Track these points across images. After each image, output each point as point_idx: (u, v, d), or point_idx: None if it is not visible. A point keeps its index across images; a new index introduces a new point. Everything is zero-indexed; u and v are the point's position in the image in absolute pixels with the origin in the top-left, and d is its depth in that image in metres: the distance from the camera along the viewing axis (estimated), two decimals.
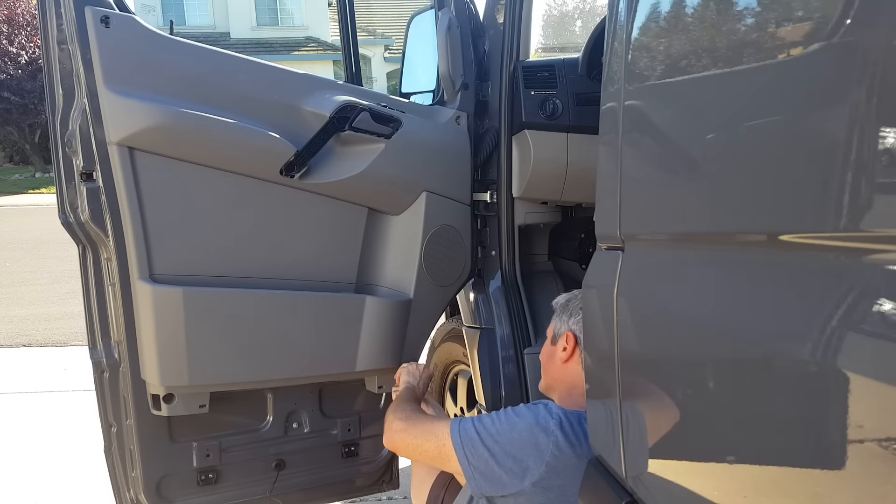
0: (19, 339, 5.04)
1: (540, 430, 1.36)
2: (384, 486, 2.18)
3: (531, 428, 1.37)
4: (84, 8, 1.51)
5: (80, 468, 2.97)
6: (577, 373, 1.48)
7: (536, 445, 1.35)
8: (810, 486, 0.77)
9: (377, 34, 21.16)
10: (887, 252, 0.69)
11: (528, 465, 1.35)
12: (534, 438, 1.36)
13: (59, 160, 1.75)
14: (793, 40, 0.77)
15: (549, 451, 1.34)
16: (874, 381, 0.68)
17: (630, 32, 1.03)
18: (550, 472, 1.34)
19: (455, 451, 1.39)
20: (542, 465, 1.34)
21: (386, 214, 1.90)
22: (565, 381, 1.53)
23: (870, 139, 0.67)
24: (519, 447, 1.36)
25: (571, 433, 1.37)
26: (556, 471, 1.34)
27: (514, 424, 1.39)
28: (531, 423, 1.38)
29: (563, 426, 1.37)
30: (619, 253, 1.10)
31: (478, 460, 1.38)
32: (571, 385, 1.51)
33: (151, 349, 1.65)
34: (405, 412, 1.59)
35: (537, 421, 1.38)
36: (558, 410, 1.41)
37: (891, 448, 0.66)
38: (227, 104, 1.64)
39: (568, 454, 1.35)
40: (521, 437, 1.37)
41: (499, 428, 1.39)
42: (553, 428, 1.36)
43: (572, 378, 1.51)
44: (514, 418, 1.40)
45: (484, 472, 1.37)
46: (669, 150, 1.00)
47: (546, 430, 1.36)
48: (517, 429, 1.38)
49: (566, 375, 1.53)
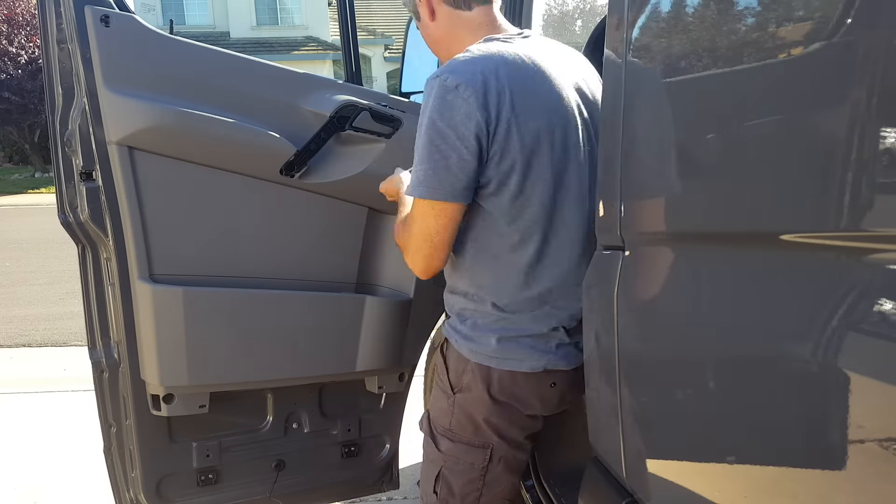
0: (19, 339, 5.04)
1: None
2: (384, 486, 2.18)
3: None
4: (84, 7, 1.51)
5: (80, 468, 2.97)
6: (448, 18, 1.37)
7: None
8: (810, 486, 0.77)
9: (377, 34, 21.17)
10: (887, 252, 0.69)
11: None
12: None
13: (58, 160, 1.75)
14: (793, 40, 0.77)
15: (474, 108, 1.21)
16: (874, 380, 0.68)
17: (630, 32, 1.03)
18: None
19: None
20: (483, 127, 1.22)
21: (386, 214, 1.90)
22: (444, 38, 1.40)
23: (870, 139, 0.67)
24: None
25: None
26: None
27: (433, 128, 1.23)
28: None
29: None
30: (620, 253, 1.10)
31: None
32: (451, 38, 1.39)
33: (151, 349, 1.65)
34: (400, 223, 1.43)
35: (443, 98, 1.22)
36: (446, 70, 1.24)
37: (891, 448, 0.66)
38: (226, 104, 1.64)
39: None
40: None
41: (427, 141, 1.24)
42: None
43: (445, 29, 1.39)
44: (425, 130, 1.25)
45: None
46: (670, 150, 1.00)
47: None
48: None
49: (441, 30, 1.40)
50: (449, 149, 1.22)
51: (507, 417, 1.36)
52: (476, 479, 1.39)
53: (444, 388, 1.42)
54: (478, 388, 1.35)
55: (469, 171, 1.23)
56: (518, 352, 1.32)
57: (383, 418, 2.10)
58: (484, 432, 1.37)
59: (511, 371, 1.33)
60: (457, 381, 1.39)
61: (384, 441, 2.13)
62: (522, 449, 1.41)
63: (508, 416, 1.36)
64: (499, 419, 1.36)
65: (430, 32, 1.44)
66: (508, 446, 1.38)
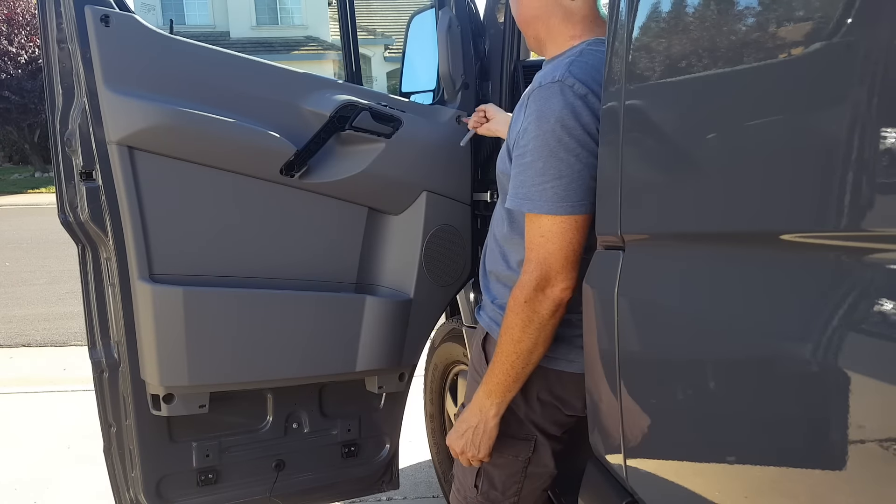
0: (19, 339, 5.04)
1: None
2: (384, 486, 2.18)
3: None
4: (84, 7, 1.51)
5: (80, 468, 2.97)
6: (546, 1, 1.27)
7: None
8: (811, 486, 0.77)
9: (377, 34, 21.16)
10: (887, 252, 0.69)
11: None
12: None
13: (58, 160, 1.75)
14: (793, 40, 0.76)
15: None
16: (874, 380, 0.68)
17: (631, 32, 1.03)
18: None
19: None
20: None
21: (386, 214, 1.90)
22: (535, 21, 1.31)
23: (870, 139, 0.67)
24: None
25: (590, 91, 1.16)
26: None
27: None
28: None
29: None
30: (620, 253, 1.10)
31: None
32: (544, 26, 1.30)
33: (151, 349, 1.65)
34: None
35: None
36: (563, 74, 1.18)
37: (891, 448, 0.66)
38: (227, 103, 1.64)
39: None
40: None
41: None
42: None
43: (540, 10, 1.29)
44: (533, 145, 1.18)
45: None
46: (670, 150, 1.00)
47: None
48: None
49: (534, 10, 1.29)
50: (588, 156, 1.16)
51: (548, 416, 1.36)
52: (518, 471, 1.39)
53: None
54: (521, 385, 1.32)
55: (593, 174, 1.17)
56: (570, 352, 1.30)
57: (383, 418, 2.10)
58: (526, 427, 1.36)
59: (559, 371, 1.31)
60: None
61: (384, 441, 2.13)
62: (560, 441, 1.41)
63: (549, 416, 1.36)
64: (539, 418, 1.35)
65: (522, 9, 1.32)
66: (548, 440, 1.38)
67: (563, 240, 1.19)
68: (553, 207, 1.17)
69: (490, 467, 1.40)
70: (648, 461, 1.08)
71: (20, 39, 16.52)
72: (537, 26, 1.31)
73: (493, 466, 1.40)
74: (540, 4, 1.29)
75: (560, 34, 1.29)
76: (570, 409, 1.36)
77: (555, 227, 1.18)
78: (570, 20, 1.28)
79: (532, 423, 1.36)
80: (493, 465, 1.40)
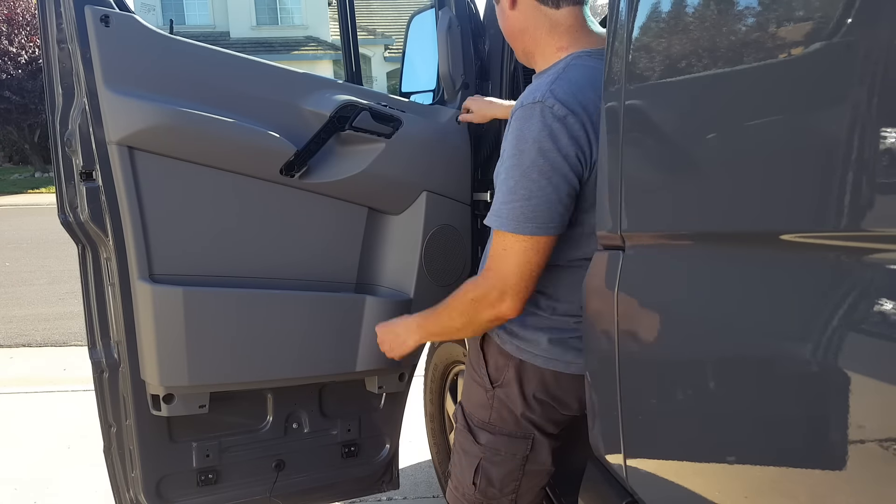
0: (19, 339, 5.03)
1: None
2: (384, 486, 2.18)
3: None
4: (84, 7, 1.51)
5: (80, 468, 2.97)
6: (531, 12, 1.29)
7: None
8: (811, 486, 0.77)
9: (377, 34, 21.16)
10: (887, 252, 0.69)
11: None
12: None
13: (58, 160, 1.75)
14: (793, 40, 0.76)
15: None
16: (874, 380, 0.68)
17: (631, 32, 1.03)
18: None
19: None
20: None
21: (386, 214, 1.90)
22: (521, 33, 1.32)
23: (870, 139, 0.67)
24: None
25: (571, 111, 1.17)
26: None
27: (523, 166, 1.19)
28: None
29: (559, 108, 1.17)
30: (620, 253, 1.10)
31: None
32: (530, 38, 1.32)
33: (151, 349, 1.65)
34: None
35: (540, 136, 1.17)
36: (543, 94, 1.19)
37: (891, 448, 0.66)
38: (226, 103, 1.64)
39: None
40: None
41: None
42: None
43: (526, 23, 1.30)
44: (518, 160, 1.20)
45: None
46: (670, 150, 1.00)
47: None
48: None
49: (520, 23, 1.31)
50: (560, 180, 1.18)
51: (543, 415, 1.38)
52: (516, 469, 1.41)
53: (482, 382, 1.42)
54: (518, 385, 1.36)
55: (572, 201, 1.22)
56: (566, 354, 1.33)
57: (383, 418, 2.10)
58: (524, 425, 1.39)
59: (555, 372, 1.34)
60: (497, 375, 1.40)
61: (384, 441, 2.13)
62: (558, 438, 1.44)
63: (547, 415, 1.38)
64: (536, 416, 1.38)
65: (508, 23, 1.35)
66: (546, 438, 1.41)
67: (523, 258, 1.22)
68: (517, 226, 1.20)
69: (488, 464, 1.42)
70: (648, 461, 1.08)
71: (20, 39, 16.52)
72: (524, 39, 1.34)
73: (491, 464, 1.42)
74: (526, 17, 1.31)
75: (547, 46, 1.30)
76: (566, 409, 1.38)
77: (516, 246, 1.22)
78: (555, 31, 1.30)
79: (530, 422, 1.38)
80: (490, 463, 1.42)
